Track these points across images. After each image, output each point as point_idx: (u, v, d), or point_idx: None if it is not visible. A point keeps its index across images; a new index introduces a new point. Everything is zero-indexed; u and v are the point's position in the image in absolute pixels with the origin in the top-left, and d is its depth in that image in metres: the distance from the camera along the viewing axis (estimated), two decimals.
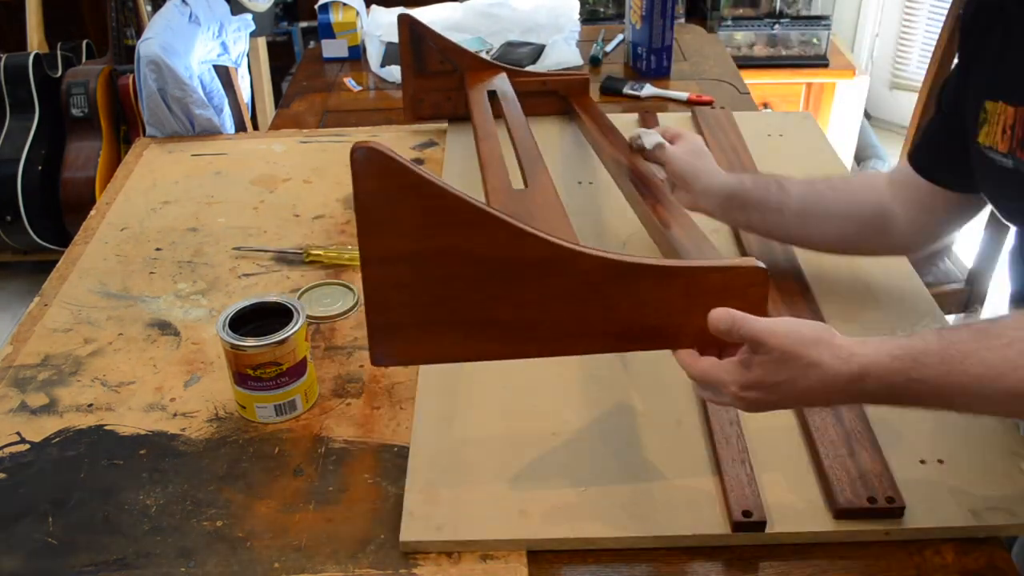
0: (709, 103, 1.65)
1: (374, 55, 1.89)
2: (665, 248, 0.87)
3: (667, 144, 1.06)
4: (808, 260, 1.13)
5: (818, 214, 1.00)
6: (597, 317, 0.68)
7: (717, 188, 1.03)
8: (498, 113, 1.32)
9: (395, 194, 0.60)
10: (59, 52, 2.66)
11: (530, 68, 1.78)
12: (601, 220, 1.24)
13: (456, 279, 0.64)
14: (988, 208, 0.96)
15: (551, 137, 1.47)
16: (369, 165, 0.59)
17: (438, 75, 1.47)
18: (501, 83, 1.42)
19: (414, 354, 0.69)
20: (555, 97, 1.51)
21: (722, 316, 0.69)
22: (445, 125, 1.52)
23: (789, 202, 1.01)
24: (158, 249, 1.23)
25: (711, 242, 0.85)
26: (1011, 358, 0.65)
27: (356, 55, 1.95)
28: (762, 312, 0.71)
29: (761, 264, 0.70)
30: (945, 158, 0.95)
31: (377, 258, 0.63)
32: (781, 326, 0.68)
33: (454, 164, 1.39)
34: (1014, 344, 0.66)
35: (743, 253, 1.15)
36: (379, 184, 0.60)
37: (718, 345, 0.73)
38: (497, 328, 0.67)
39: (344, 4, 1.92)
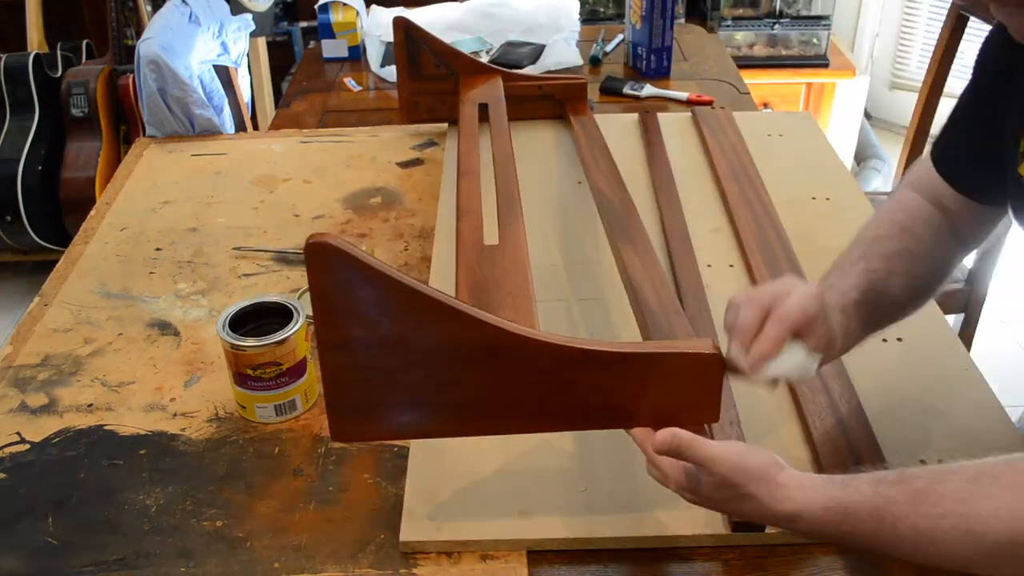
0: (709, 103, 1.65)
1: (374, 55, 1.89)
2: (636, 312, 0.89)
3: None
4: (808, 260, 1.13)
5: (923, 286, 0.89)
6: (551, 399, 0.69)
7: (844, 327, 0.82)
8: (487, 120, 1.31)
9: (350, 285, 0.62)
10: (59, 52, 2.66)
11: (529, 68, 1.78)
12: (600, 222, 1.23)
13: (411, 364, 0.66)
14: None
15: (549, 139, 1.47)
16: (324, 259, 0.61)
17: (433, 79, 1.46)
18: (494, 91, 1.41)
19: (372, 432, 0.71)
20: (552, 101, 1.50)
21: (668, 440, 0.69)
22: (445, 126, 1.52)
23: (902, 301, 0.87)
24: (158, 249, 1.23)
25: (680, 309, 0.87)
26: (943, 529, 0.63)
27: (356, 55, 1.95)
28: (714, 394, 0.71)
29: (715, 349, 0.70)
30: (984, 179, 0.87)
31: (333, 344, 0.65)
32: (729, 456, 0.68)
33: (453, 164, 1.38)
34: (948, 517, 0.64)
35: (743, 253, 1.15)
36: (334, 276, 0.62)
37: (674, 424, 0.72)
38: (453, 409, 0.69)
39: (344, 4, 1.92)
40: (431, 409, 0.69)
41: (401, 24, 1.42)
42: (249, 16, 1.88)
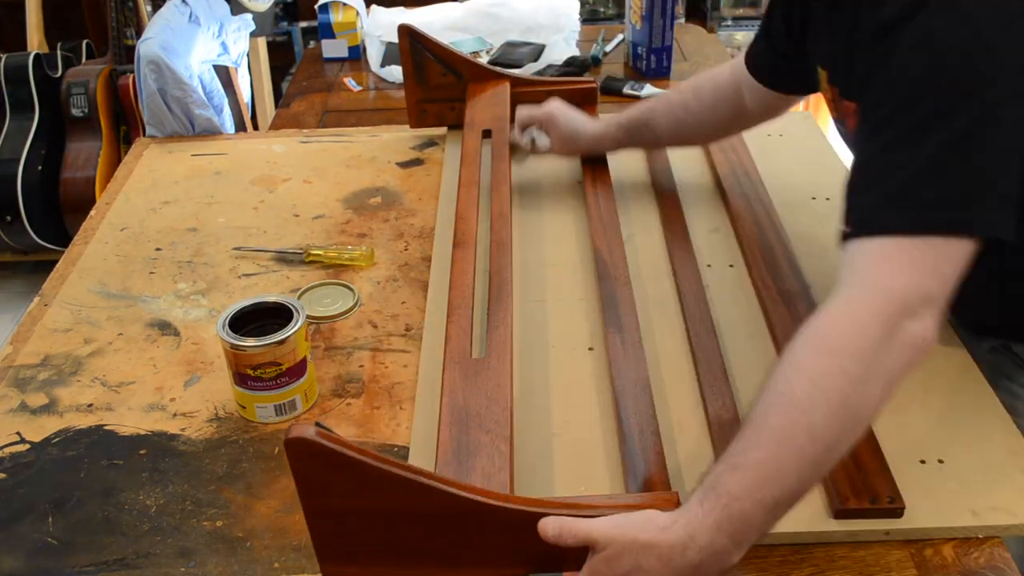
0: None
1: (374, 55, 1.89)
2: (618, 429, 0.90)
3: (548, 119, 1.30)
4: (808, 260, 1.13)
5: (689, 134, 1.26)
6: (523, 548, 0.74)
7: (589, 139, 1.30)
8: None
9: (326, 470, 0.68)
10: (59, 52, 2.66)
11: (529, 65, 1.78)
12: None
13: (389, 526, 0.72)
14: None
15: None
16: (300, 449, 0.67)
17: (440, 86, 1.46)
18: (500, 106, 1.40)
19: (360, 574, 0.76)
20: None
21: (550, 524, 0.70)
22: (443, 130, 1.52)
23: (663, 137, 1.26)
24: (158, 249, 1.23)
25: (657, 429, 0.87)
26: (776, 420, 0.68)
27: (356, 55, 1.95)
28: None
29: (667, 512, 0.71)
30: (774, 69, 1.12)
31: (316, 511, 0.71)
32: (608, 521, 0.69)
33: (453, 164, 1.39)
34: (770, 410, 0.69)
35: (743, 253, 1.15)
36: (311, 463, 0.68)
37: None
38: (432, 558, 0.74)
39: (344, 4, 1.92)
40: (412, 559, 0.74)
41: (406, 31, 1.41)
42: (249, 16, 1.88)
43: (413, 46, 1.42)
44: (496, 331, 0.94)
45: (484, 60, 1.82)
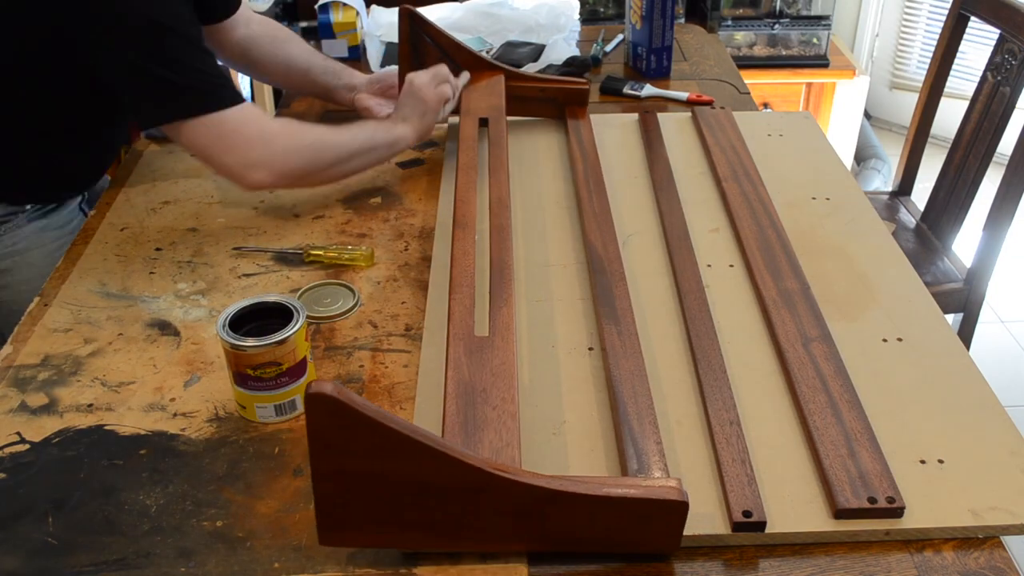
0: (709, 103, 1.65)
1: (374, 55, 1.89)
2: (614, 418, 0.90)
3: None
4: (808, 260, 1.13)
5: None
6: (528, 526, 0.74)
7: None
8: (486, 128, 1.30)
9: (343, 429, 0.67)
10: None
11: (531, 65, 1.78)
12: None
13: (398, 492, 0.71)
14: (988, 208, 0.96)
15: (550, 139, 1.47)
16: (320, 404, 0.66)
17: None
18: (495, 96, 1.40)
19: (358, 541, 0.76)
20: (554, 103, 1.50)
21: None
22: (445, 126, 1.52)
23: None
24: (158, 249, 1.23)
25: (655, 419, 0.88)
26: None
27: (356, 55, 1.95)
28: (677, 530, 0.75)
29: (682, 496, 0.73)
30: None
31: (327, 473, 0.70)
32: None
33: (453, 164, 1.39)
34: None
35: (743, 253, 1.15)
36: (329, 420, 0.67)
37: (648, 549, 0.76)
38: (436, 528, 0.74)
39: (344, 4, 1.92)
40: (415, 527, 0.74)
41: (406, 14, 1.41)
42: None
43: (412, 29, 1.42)
44: (499, 311, 0.94)
45: None
